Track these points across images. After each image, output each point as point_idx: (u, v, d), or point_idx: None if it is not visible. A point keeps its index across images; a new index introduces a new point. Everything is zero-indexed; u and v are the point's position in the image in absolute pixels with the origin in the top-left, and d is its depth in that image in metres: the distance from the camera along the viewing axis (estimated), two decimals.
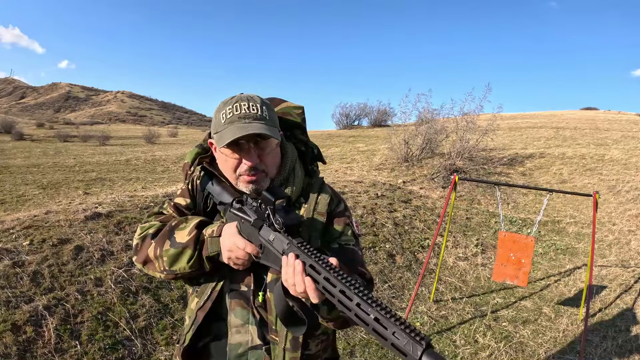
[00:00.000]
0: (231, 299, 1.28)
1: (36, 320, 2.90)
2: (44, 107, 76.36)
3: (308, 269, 0.95)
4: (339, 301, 0.87)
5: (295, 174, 1.35)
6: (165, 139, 26.76)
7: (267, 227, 1.11)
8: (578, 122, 19.25)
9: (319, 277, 0.93)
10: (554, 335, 4.23)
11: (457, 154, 10.54)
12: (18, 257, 3.41)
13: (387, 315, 0.79)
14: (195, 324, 1.28)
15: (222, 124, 1.22)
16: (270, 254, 1.10)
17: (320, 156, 1.44)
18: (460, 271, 5.71)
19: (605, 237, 7.12)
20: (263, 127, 1.19)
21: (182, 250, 1.22)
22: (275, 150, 1.29)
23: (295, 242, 1.03)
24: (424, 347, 0.74)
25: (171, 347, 3.10)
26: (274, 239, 1.08)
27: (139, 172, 11.63)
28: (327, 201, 1.32)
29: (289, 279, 0.98)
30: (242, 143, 1.22)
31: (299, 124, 1.43)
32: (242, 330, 1.27)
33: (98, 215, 4.36)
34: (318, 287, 0.93)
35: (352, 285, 0.86)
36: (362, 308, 0.83)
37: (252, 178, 1.24)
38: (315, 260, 0.95)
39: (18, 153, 15.52)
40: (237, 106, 1.22)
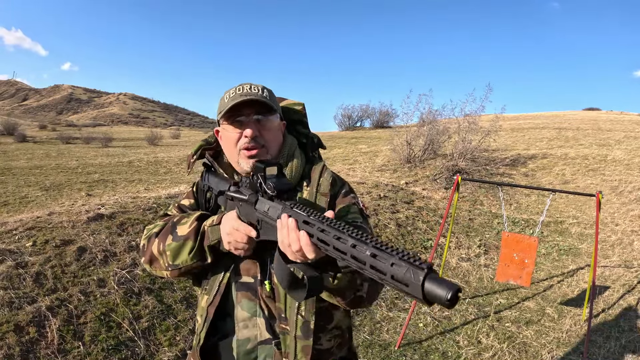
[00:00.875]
0: (237, 291, 1.26)
1: (39, 321, 2.90)
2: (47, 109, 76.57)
3: (302, 225, 0.92)
4: (334, 248, 0.82)
5: (293, 160, 1.35)
6: (167, 141, 26.80)
7: (261, 198, 1.09)
8: (580, 123, 19.20)
9: (312, 229, 0.89)
10: (557, 336, 4.21)
11: (460, 155, 10.52)
12: (21, 258, 3.42)
13: (385, 248, 0.74)
14: (208, 320, 1.27)
15: (225, 102, 1.28)
16: (268, 227, 1.07)
17: (320, 143, 1.47)
18: (463, 272, 5.70)
19: (608, 237, 7.10)
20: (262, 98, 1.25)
21: (183, 242, 1.23)
22: (276, 130, 1.32)
23: (288, 204, 1.00)
24: (425, 272, 0.67)
25: (174, 348, 3.10)
26: (269, 208, 1.05)
27: (142, 173, 11.64)
28: (329, 182, 1.32)
29: (284, 239, 0.96)
30: (243, 118, 1.26)
31: (301, 120, 1.46)
32: (249, 324, 1.25)
33: (101, 216, 4.37)
34: (314, 241, 0.89)
35: (346, 230, 0.82)
36: (358, 248, 0.77)
37: (252, 152, 1.26)
38: (308, 215, 0.92)
39: (21, 155, 15.57)
40: (240, 87, 1.29)
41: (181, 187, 6.96)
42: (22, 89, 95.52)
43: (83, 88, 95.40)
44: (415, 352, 3.78)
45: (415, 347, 3.86)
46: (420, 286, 0.67)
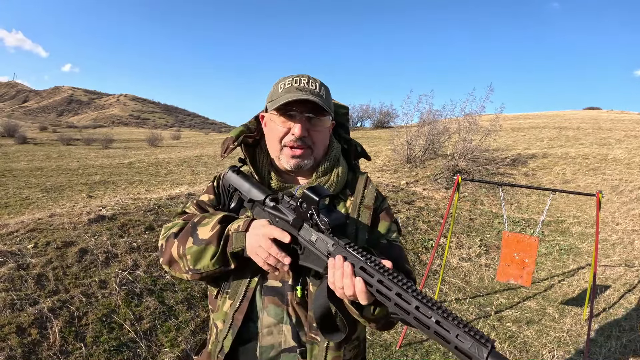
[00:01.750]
0: (264, 295, 1.20)
1: (41, 322, 2.91)
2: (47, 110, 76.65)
3: (359, 272, 0.92)
4: (395, 304, 0.84)
5: (339, 164, 1.31)
6: (168, 142, 26.81)
7: (309, 227, 1.05)
8: (581, 122, 19.19)
9: (371, 279, 0.89)
10: (558, 335, 4.22)
11: (460, 155, 10.53)
12: (23, 260, 3.42)
13: (449, 317, 0.77)
14: (234, 328, 1.20)
15: (279, 92, 1.22)
16: (312, 255, 1.05)
17: (365, 153, 1.42)
18: (464, 272, 5.70)
19: (608, 236, 7.10)
20: (318, 100, 1.19)
21: (205, 247, 1.16)
22: (325, 132, 1.27)
23: (342, 243, 0.98)
24: (489, 349, 0.72)
25: (175, 349, 3.10)
26: (317, 239, 1.03)
27: (142, 175, 11.66)
28: (374, 195, 1.28)
29: (336, 282, 0.94)
30: (295, 113, 1.21)
31: (343, 124, 1.43)
32: (274, 330, 1.19)
33: (102, 218, 4.38)
34: (370, 290, 0.89)
35: (409, 288, 0.83)
36: (421, 311, 0.80)
37: (297, 152, 1.22)
38: (365, 262, 0.92)
39: (21, 156, 15.58)
40: (297, 79, 1.23)
41: (182, 189, 6.98)
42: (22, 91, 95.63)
43: (83, 89, 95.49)
44: (416, 352, 3.78)
45: (416, 347, 3.86)
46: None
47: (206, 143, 25.81)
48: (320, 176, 1.28)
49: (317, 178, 1.28)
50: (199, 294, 3.71)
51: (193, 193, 5.95)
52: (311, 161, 1.25)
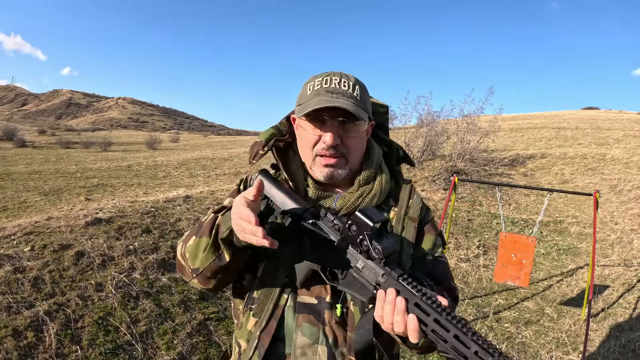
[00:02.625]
0: (298, 313, 1.09)
1: (37, 325, 2.90)
2: (46, 114, 76.68)
3: (412, 308, 0.85)
4: (452, 347, 0.78)
5: (382, 172, 1.20)
6: (166, 145, 26.82)
7: (356, 252, 0.97)
8: (579, 122, 19.22)
9: (427, 318, 0.82)
10: (556, 336, 4.21)
11: (458, 156, 10.53)
12: (19, 263, 3.42)
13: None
14: (260, 349, 1.08)
15: (307, 95, 1.11)
16: (355, 282, 0.96)
17: (407, 157, 1.30)
18: (462, 273, 5.70)
19: (607, 236, 7.10)
20: (351, 105, 1.06)
21: (199, 240, 1.07)
22: (361, 137, 1.15)
23: (394, 275, 0.89)
24: None
25: (172, 352, 3.09)
26: (364, 266, 0.94)
27: (141, 177, 11.65)
28: (419, 206, 1.19)
29: (386, 317, 0.86)
30: (326, 119, 1.09)
31: (382, 124, 1.31)
32: (308, 351, 1.07)
33: (99, 220, 4.37)
34: (424, 329, 0.83)
35: (468, 330, 0.78)
36: (480, 356, 0.75)
37: (330, 161, 1.10)
38: (421, 298, 0.84)
39: (20, 160, 15.57)
40: (328, 79, 1.11)
41: (180, 191, 6.97)
42: (21, 94, 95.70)
43: (82, 93, 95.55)
44: (413, 354, 3.77)
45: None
46: None
47: (205, 145, 25.82)
48: (363, 185, 1.17)
49: (358, 187, 1.17)
50: (195, 296, 3.70)
51: (190, 196, 5.95)
52: (346, 171, 1.14)
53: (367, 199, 1.15)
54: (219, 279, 1.10)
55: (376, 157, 1.21)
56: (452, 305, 1.10)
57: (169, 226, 4.65)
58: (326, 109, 1.07)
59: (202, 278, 1.09)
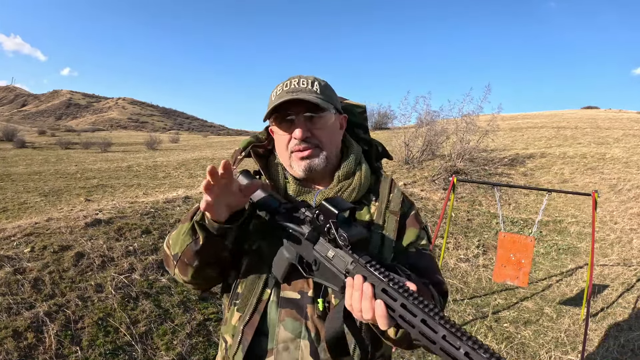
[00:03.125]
0: (281, 308, 1.12)
1: (37, 326, 2.91)
2: (46, 114, 76.68)
3: (380, 294, 0.84)
4: (420, 332, 0.77)
5: (361, 169, 1.23)
6: (166, 145, 26.83)
7: (326, 242, 0.98)
8: (579, 122, 19.22)
9: (394, 303, 0.81)
10: (555, 336, 4.22)
11: (458, 156, 10.54)
12: (19, 264, 3.43)
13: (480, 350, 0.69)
14: (244, 343, 1.11)
15: (272, 100, 1.17)
16: (327, 272, 0.97)
17: (386, 152, 1.35)
18: (462, 272, 5.70)
19: (607, 236, 7.11)
20: (311, 97, 1.12)
21: (180, 227, 1.12)
22: (330, 128, 1.19)
23: (362, 262, 0.90)
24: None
25: (171, 352, 3.10)
26: (334, 255, 0.95)
27: (141, 178, 11.66)
28: (400, 200, 1.21)
29: (354, 304, 0.86)
30: (292, 118, 1.14)
31: (361, 124, 1.36)
32: (291, 346, 1.09)
33: (98, 221, 4.38)
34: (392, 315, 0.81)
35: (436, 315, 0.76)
36: (449, 340, 0.72)
37: (304, 153, 1.14)
38: (388, 283, 0.84)
39: (20, 161, 15.58)
40: (288, 82, 1.18)
41: (179, 192, 6.98)
42: (21, 95, 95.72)
43: (82, 93, 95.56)
44: (413, 354, 3.78)
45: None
46: None
47: (205, 146, 25.82)
48: (342, 180, 1.20)
49: (338, 182, 1.20)
50: (195, 297, 3.71)
51: (190, 196, 5.95)
52: (322, 160, 1.17)
53: (346, 193, 1.18)
54: (197, 267, 1.11)
55: (354, 154, 1.24)
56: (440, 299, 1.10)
57: (169, 227, 4.66)
58: (292, 106, 1.12)
59: (181, 264, 1.12)
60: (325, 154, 1.17)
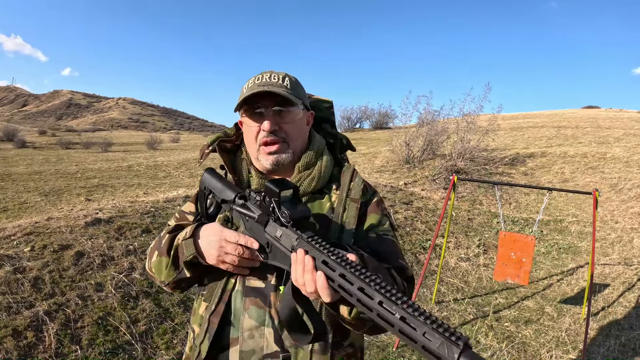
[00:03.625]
0: (246, 297, 1.15)
1: (37, 325, 2.91)
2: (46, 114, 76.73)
3: (320, 265, 0.85)
4: (357, 300, 0.77)
5: (322, 159, 1.27)
6: (167, 145, 26.80)
7: (273, 222, 1.00)
8: (580, 121, 19.20)
9: (333, 274, 0.82)
10: (556, 335, 4.21)
11: (458, 155, 10.53)
12: (19, 263, 3.42)
13: (415, 313, 0.69)
14: (211, 332, 1.14)
15: (243, 93, 1.20)
16: (279, 253, 0.99)
17: (350, 144, 1.39)
18: (462, 272, 5.70)
19: (607, 235, 7.10)
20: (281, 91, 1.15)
21: (160, 259, 1.20)
22: (298, 123, 1.22)
23: (304, 237, 0.92)
24: (460, 349, 0.63)
25: (171, 351, 3.10)
26: (282, 235, 0.97)
27: (141, 178, 11.65)
28: (361, 188, 1.24)
29: (298, 278, 0.88)
30: (262, 111, 1.18)
31: (328, 118, 1.39)
32: (256, 333, 1.12)
33: (99, 221, 4.38)
34: (332, 285, 0.82)
35: (372, 282, 0.76)
36: (385, 307, 0.72)
37: (272, 148, 1.19)
38: (328, 255, 0.85)
39: (20, 161, 15.58)
40: (260, 76, 1.21)
41: (180, 191, 6.97)
42: (21, 95, 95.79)
43: (82, 93, 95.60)
44: (413, 353, 3.77)
45: (412, 348, 3.85)
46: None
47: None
48: (303, 170, 1.24)
49: (299, 172, 1.24)
50: (195, 295, 3.70)
51: (190, 195, 5.95)
52: (289, 155, 1.21)
53: (305, 182, 1.22)
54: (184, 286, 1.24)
55: (316, 146, 1.28)
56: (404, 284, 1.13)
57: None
58: (262, 99, 1.17)
59: (169, 288, 1.23)
60: (291, 149, 1.22)
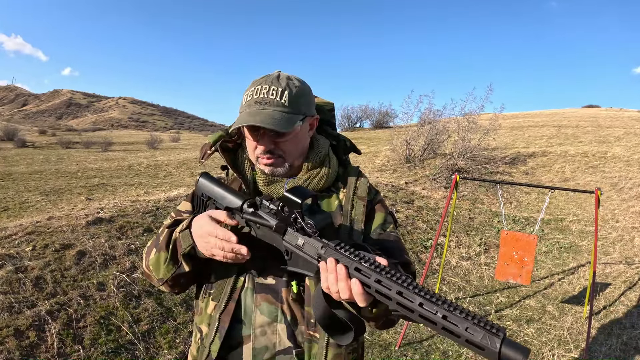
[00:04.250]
0: (257, 293, 1.14)
1: (39, 325, 2.91)
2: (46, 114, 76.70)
3: (354, 273, 0.87)
4: (398, 303, 0.81)
5: (329, 159, 1.27)
6: (167, 144, 26.80)
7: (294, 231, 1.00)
8: (580, 120, 19.19)
9: (368, 280, 0.85)
10: (558, 334, 4.21)
11: (459, 154, 10.52)
12: (21, 263, 3.42)
13: (456, 311, 0.75)
14: (221, 331, 1.13)
15: (242, 105, 1.18)
16: (300, 260, 1.00)
17: (354, 147, 1.38)
18: (464, 271, 5.69)
19: (608, 234, 7.09)
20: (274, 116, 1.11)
21: (158, 254, 1.16)
22: (296, 138, 1.19)
23: (332, 245, 0.93)
24: (501, 338, 0.71)
25: (174, 351, 3.10)
26: (304, 243, 0.98)
27: (142, 177, 11.65)
28: (367, 186, 1.26)
29: (331, 286, 0.89)
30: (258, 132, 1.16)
31: (329, 120, 1.38)
32: (268, 330, 1.12)
33: (100, 220, 4.37)
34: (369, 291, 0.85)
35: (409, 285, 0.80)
36: (426, 308, 0.77)
37: (268, 161, 1.18)
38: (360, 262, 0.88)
39: (21, 160, 15.57)
40: (258, 89, 1.15)
41: (180, 190, 6.97)
42: (21, 95, 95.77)
43: (82, 93, 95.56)
44: (416, 352, 3.77)
45: (415, 346, 3.85)
46: (497, 352, 0.71)
47: None
48: (311, 169, 1.23)
49: (307, 171, 1.23)
50: (201, 295, 3.70)
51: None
52: (285, 168, 1.20)
53: (314, 181, 1.22)
54: (183, 283, 1.20)
55: (322, 148, 1.27)
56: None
57: None
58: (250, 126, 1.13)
59: (167, 286, 1.19)
60: (288, 163, 1.20)
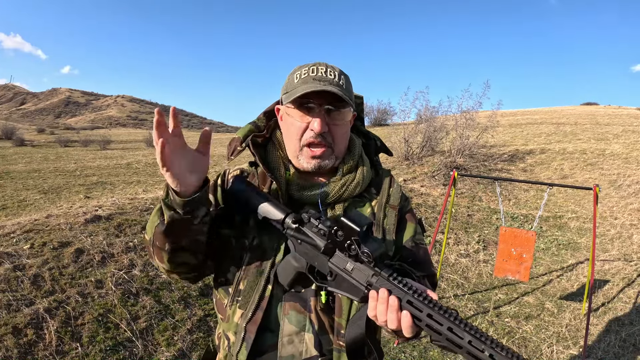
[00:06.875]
0: (285, 301, 1.11)
1: (37, 323, 2.90)
2: (44, 112, 76.54)
3: (406, 305, 0.89)
4: (447, 339, 0.84)
5: (363, 162, 1.23)
6: None
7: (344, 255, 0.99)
8: (578, 118, 19.19)
9: (420, 314, 0.87)
10: (556, 330, 4.21)
11: (457, 152, 10.52)
12: (19, 261, 3.41)
13: (503, 351, 0.78)
14: (248, 341, 1.09)
15: (294, 83, 1.13)
16: (345, 283, 0.99)
17: (385, 147, 1.34)
18: (462, 268, 5.70)
19: (607, 231, 7.10)
20: (338, 91, 1.09)
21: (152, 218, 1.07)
22: (345, 126, 1.17)
23: (384, 275, 0.93)
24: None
25: (172, 348, 3.09)
26: (353, 268, 0.97)
27: (140, 175, 11.64)
28: (399, 194, 1.23)
29: (379, 315, 0.89)
30: (313, 106, 1.11)
31: (359, 115, 1.31)
32: (295, 339, 1.10)
33: (98, 218, 4.37)
34: (419, 324, 0.88)
35: (460, 322, 0.84)
36: (474, 345, 0.81)
37: (317, 152, 1.12)
38: (412, 295, 0.89)
39: (19, 159, 15.54)
40: (315, 68, 1.13)
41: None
42: (19, 93, 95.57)
43: (81, 91, 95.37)
44: (414, 349, 3.78)
45: (414, 343, 3.86)
46: None
47: None
48: (346, 174, 1.19)
49: (342, 176, 1.19)
50: (196, 292, 3.70)
51: None
52: (332, 161, 1.16)
53: (350, 187, 1.17)
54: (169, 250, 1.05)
55: (357, 148, 1.24)
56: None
57: None
58: (314, 95, 1.09)
59: (156, 250, 1.07)
60: (335, 155, 1.16)
